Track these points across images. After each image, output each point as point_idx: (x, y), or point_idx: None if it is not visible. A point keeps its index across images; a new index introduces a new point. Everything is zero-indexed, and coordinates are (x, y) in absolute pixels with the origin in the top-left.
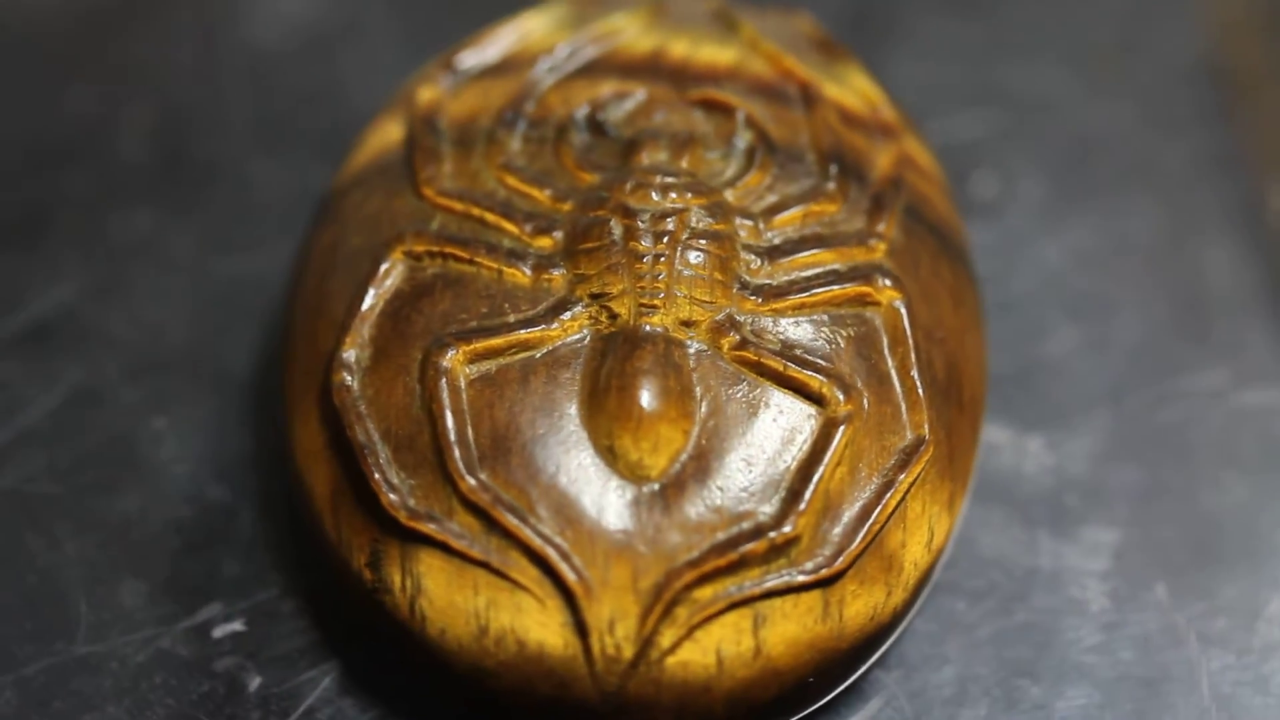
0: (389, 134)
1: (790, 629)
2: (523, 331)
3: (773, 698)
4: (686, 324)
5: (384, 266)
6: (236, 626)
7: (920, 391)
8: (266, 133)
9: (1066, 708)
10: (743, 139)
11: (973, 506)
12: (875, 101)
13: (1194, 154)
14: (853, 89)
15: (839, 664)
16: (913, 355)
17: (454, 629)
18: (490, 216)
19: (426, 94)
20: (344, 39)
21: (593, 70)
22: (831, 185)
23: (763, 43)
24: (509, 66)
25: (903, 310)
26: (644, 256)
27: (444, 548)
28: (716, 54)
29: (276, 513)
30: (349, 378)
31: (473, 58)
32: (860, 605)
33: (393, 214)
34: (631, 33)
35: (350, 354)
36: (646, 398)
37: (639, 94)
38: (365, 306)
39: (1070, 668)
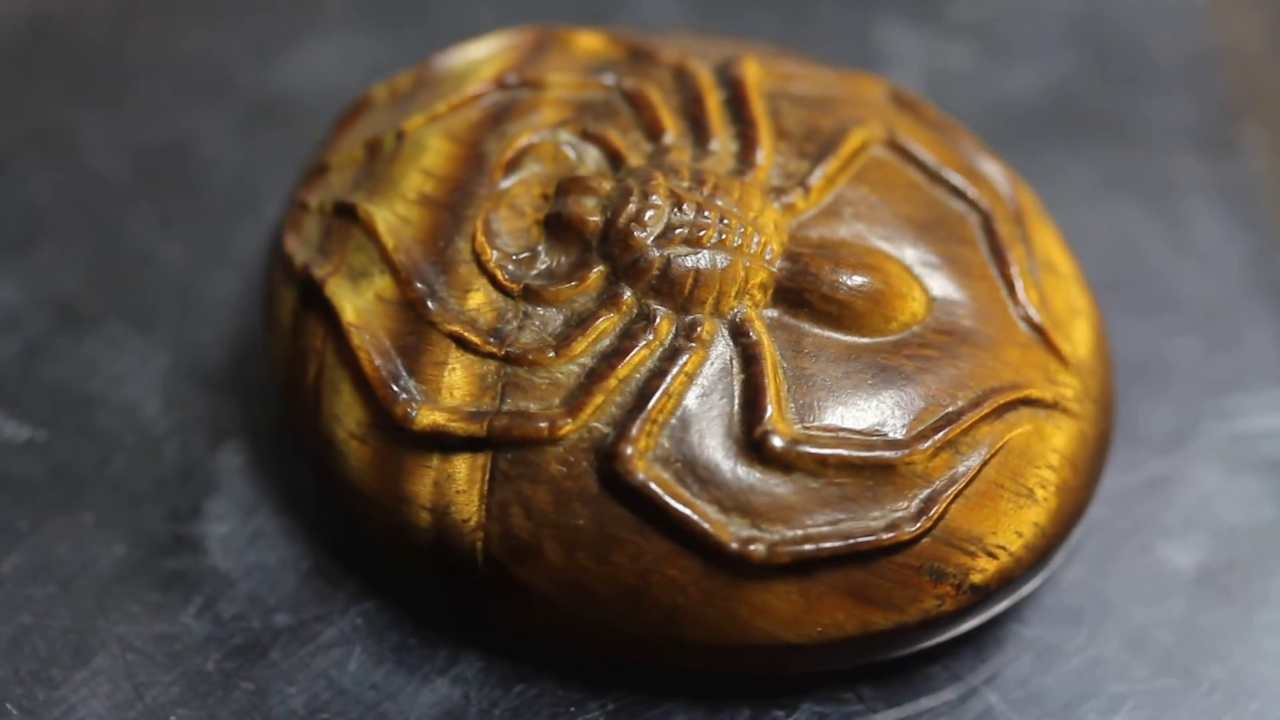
0: (430, 471)
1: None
2: (756, 362)
3: None
4: (778, 227)
5: (656, 490)
6: None
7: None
8: None
9: None
10: (563, 138)
11: None
12: (513, 45)
13: None
14: (493, 61)
15: None
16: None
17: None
18: (622, 370)
19: (427, 417)
20: None
21: (444, 253)
22: (629, 80)
23: (437, 106)
24: (407, 327)
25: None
26: (722, 233)
27: (951, 490)
28: (434, 149)
29: None
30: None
31: (372, 362)
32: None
33: (568, 480)
34: (391, 221)
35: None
36: (859, 278)
37: (487, 212)
38: (691, 515)
39: None
